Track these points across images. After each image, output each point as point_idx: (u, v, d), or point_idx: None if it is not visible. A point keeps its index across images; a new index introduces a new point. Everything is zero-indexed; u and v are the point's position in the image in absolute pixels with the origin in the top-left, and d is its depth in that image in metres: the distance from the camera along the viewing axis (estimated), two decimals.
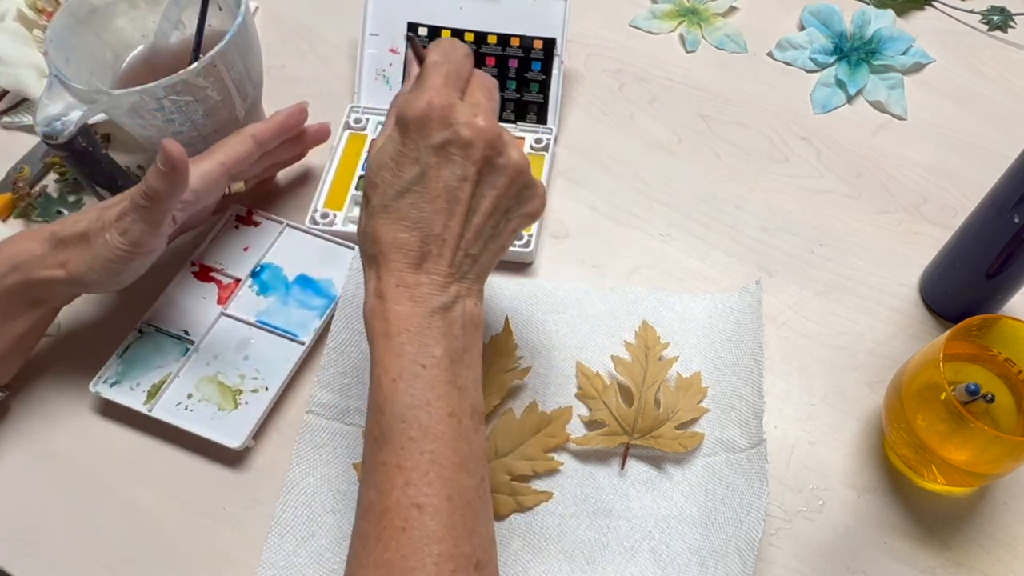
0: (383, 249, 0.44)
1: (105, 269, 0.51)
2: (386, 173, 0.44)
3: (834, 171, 0.68)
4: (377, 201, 0.44)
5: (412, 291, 0.43)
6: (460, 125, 0.43)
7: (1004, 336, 0.50)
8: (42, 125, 0.55)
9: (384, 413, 0.42)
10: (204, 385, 0.55)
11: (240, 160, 0.58)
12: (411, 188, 0.43)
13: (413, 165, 0.43)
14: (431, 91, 0.44)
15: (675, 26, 0.78)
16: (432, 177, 0.43)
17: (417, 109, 0.43)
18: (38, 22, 0.71)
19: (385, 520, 0.40)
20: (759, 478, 0.50)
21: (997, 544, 0.51)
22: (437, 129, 0.43)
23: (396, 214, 0.43)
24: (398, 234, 0.43)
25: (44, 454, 0.55)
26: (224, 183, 0.58)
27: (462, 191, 0.44)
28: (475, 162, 0.43)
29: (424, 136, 0.43)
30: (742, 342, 0.56)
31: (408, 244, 0.43)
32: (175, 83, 0.56)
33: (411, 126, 0.43)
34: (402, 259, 0.43)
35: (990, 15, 0.79)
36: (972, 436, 0.46)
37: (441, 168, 0.43)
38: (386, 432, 0.41)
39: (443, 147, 0.43)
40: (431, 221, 0.43)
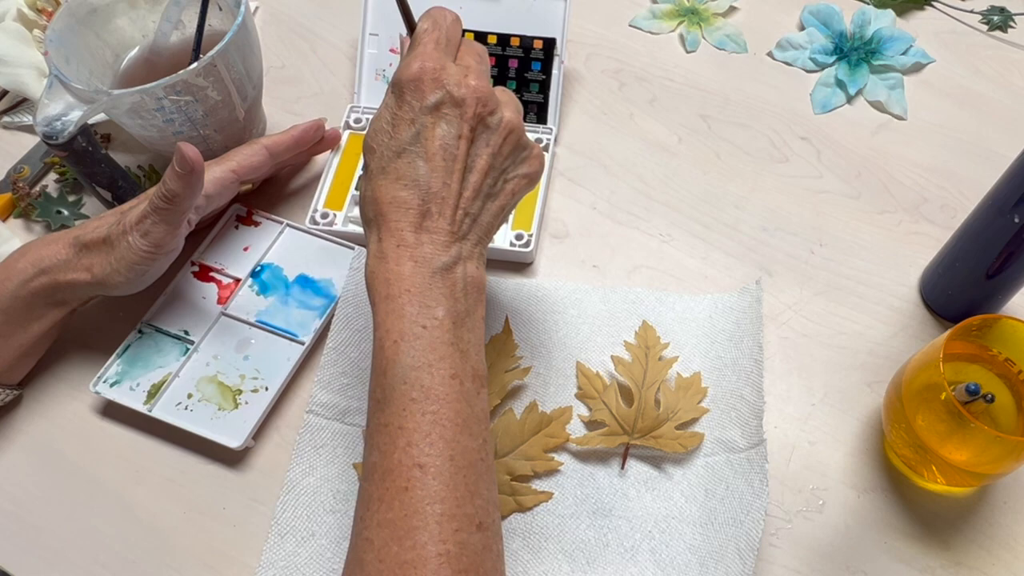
0: (383, 209, 0.44)
1: (129, 271, 0.53)
2: (383, 136, 0.45)
3: (834, 171, 0.68)
4: (375, 164, 0.45)
5: (413, 251, 0.43)
6: (452, 85, 0.44)
7: (1004, 336, 0.50)
8: (42, 125, 0.55)
9: (386, 375, 0.42)
10: (204, 385, 0.55)
11: (252, 169, 0.60)
12: (408, 148, 0.44)
13: (409, 126, 0.44)
14: (423, 56, 0.45)
15: (675, 26, 0.78)
16: (428, 136, 0.44)
17: (410, 72, 0.44)
18: (38, 22, 0.71)
19: (388, 481, 0.40)
20: (759, 478, 0.50)
21: (997, 544, 0.51)
22: (430, 90, 0.44)
23: (394, 174, 0.44)
24: (397, 193, 0.44)
25: (44, 454, 0.55)
26: (235, 189, 0.60)
27: (458, 148, 0.44)
28: (468, 120, 0.44)
29: (418, 98, 0.44)
30: (742, 342, 0.56)
31: (407, 202, 0.44)
32: (175, 83, 0.56)
33: (405, 89, 0.44)
34: (402, 218, 0.44)
35: (990, 15, 0.79)
36: (972, 436, 0.46)
37: (436, 127, 0.44)
38: (388, 394, 0.42)
39: (437, 107, 0.44)
40: (429, 179, 0.44)
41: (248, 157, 0.60)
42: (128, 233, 0.52)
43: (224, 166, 0.59)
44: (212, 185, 0.57)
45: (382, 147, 0.45)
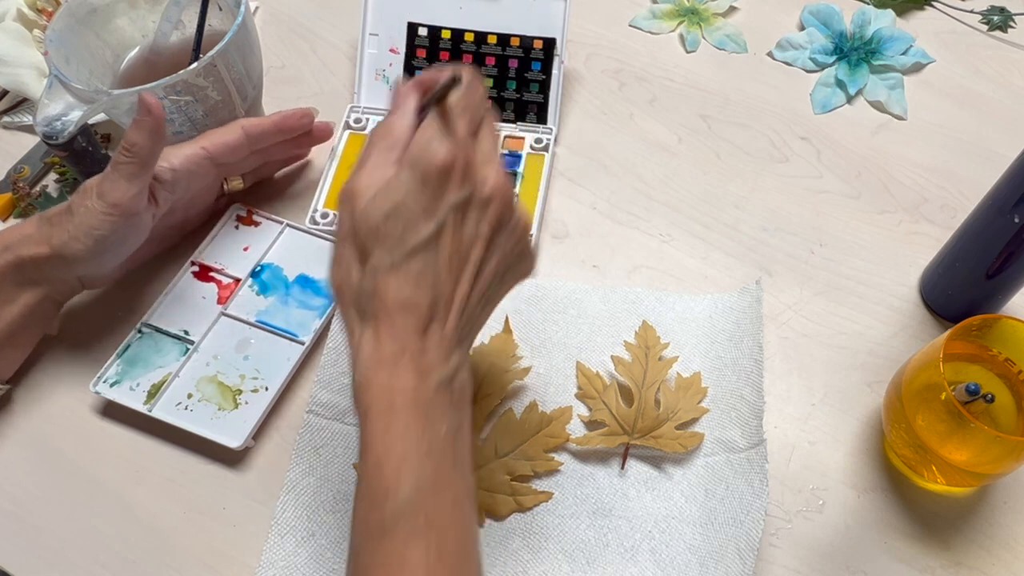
0: (388, 308, 0.39)
1: (87, 236, 0.51)
2: (395, 224, 0.39)
3: (834, 171, 0.68)
4: (385, 255, 0.39)
5: (417, 360, 0.39)
6: (480, 182, 0.40)
7: (1004, 336, 0.50)
8: (42, 125, 0.55)
9: (387, 500, 0.37)
10: (204, 385, 0.55)
11: (225, 149, 0.57)
12: (425, 246, 0.39)
13: (430, 220, 0.39)
14: (454, 142, 0.40)
15: (675, 26, 0.78)
16: (448, 235, 0.40)
17: (440, 160, 0.39)
18: (38, 22, 0.71)
19: None
20: (759, 478, 0.50)
21: (997, 544, 0.51)
22: (459, 184, 0.40)
23: (406, 271, 0.39)
24: (408, 294, 0.39)
25: (44, 453, 0.55)
26: (209, 171, 0.58)
27: (474, 251, 0.41)
28: (491, 222, 0.41)
29: (445, 189, 0.39)
30: (742, 342, 0.56)
31: (417, 305, 0.40)
32: (175, 83, 0.56)
33: (432, 176, 0.39)
34: (409, 322, 0.39)
35: (990, 15, 0.79)
36: (972, 436, 0.46)
37: (457, 227, 0.40)
38: (390, 523, 0.37)
39: (462, 204, 0.40)
40: (442, 282, 0.40)
41: (221, 135, 0.57)
42: (87, 197, 0.50)
43: (194, 143, 0.57)
44: (180, 161, 0.55)
45: (395, 237, 0.39)
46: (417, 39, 0.69)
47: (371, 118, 0.69)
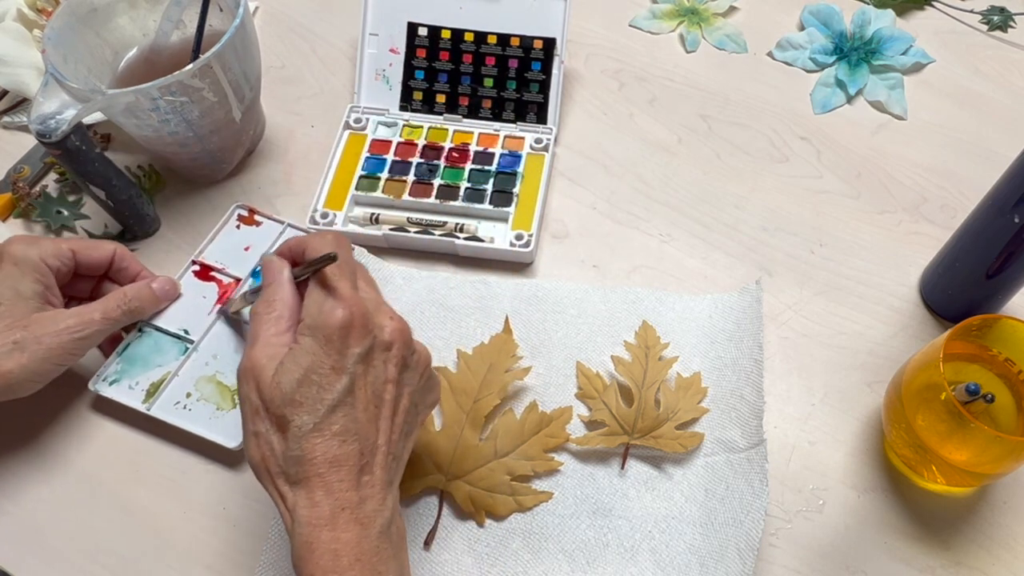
0: (319, 469, 0.40)
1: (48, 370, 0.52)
2: (310, 389, 0.40)
3: (834, 171, 0.68)
4: (303, 420, 0.40)
5: (356, 512, 0.40)
6: (378, 329, 0.42)
7: (1004, 336, 0.50)
8: (36, 123, 0.55)
9: None
10: (203, 384, 0.55)
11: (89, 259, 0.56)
12: (342, 401, 0.41)
13: (339, 376, 0.41)
14: (345, 301, 0.42)
15: (675, 26, 0.78)
16: (360, 385, 0.41)
17: (336, 320, 0.41)
18: (38, 22, 0.71)
19: None
20: (759, 478, 0.50)
21: (997, 544, 0.51)
22: (360, 338, 0.41)
23: (330, 430, 0.40)
24: (336, 451, 0.40)
25: (44, 453, 0.55)
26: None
27: (387, 393, 0.42)
28: (395, 363, 0.43)
29: (348, 346, 0.41)
30: (742, 342, 0.56)
31: (348, 458, 0.40)
32: (170, 84, 0.56)
33: (333, 338, 0.41)
34: (344, 476, 0.40)
35: (990, 15, 0.79)
36: (972, 436, 0.46)
37: (367, 375, 0.42)
38: None
39: (367, 353, 0.42)
40: (364, 430, 0.41)
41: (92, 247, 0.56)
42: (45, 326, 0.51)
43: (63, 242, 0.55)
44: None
45: (311, 400, 0.40)
46: (417, 39, 0.69)
47: (371, 118, 0.69)
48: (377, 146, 0.67)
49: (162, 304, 0.57)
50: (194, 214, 0.66)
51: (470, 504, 0.52)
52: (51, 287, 0.53)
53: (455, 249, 0.62)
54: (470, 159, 0.66)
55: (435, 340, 0.58)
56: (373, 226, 0.63)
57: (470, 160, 0.66)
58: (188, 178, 0.67)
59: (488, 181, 0.65)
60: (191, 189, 0.67)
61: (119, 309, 0.54)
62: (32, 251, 0.53)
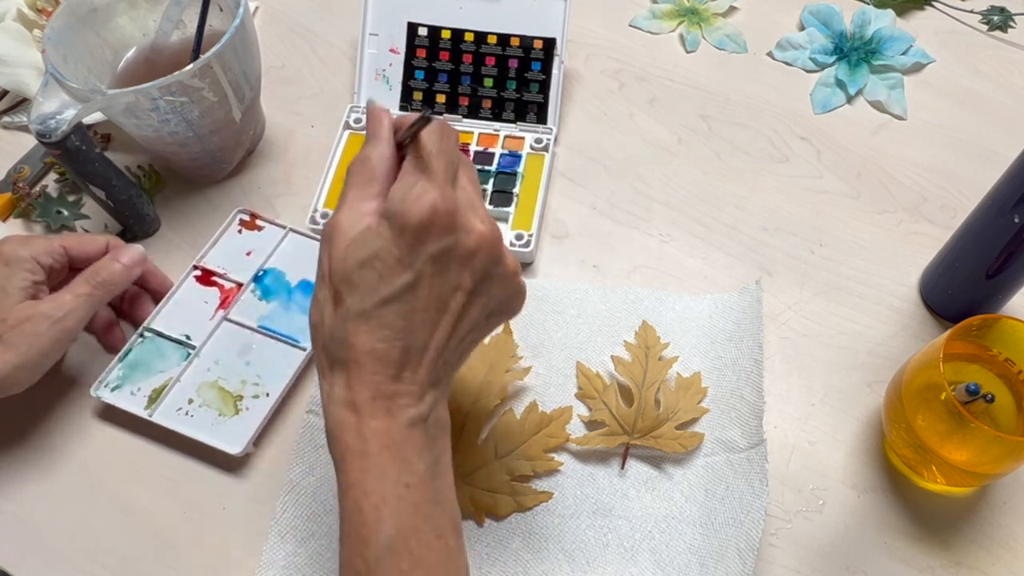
0: (358, 357, 0.39)
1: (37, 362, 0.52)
2: (369, 274, 0.38)
3: (834, 171, 0.68)
4: (355, 304, 0.39)
5: (389, 403, 0.39)
6: (464, 232, 0.39)
7: (1004, 336, 0.50)
8: (36, 123, 0.55)
9: (369, 544, 0.37)
10: (205, 390, 0.55)
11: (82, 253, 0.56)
12: (399, 296, 0.38)
13: (405, 271, 0.38)
14: (434, 191, 0.38)
15: (675, 26, 0.78)
16: (425, 286, 0.39)
17: (420, 212, 0.38)
18: (38, 22, 0.71)
19: None
20: (759, 478, 0.50)
21: (997, 544, 0.51)
22: (438, 235, 0.38)
23: (377, 321, 0.39)
24: (377, 344, 0.39)
25: (45, 455, 0.55)
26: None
27: (454, 301, 0.40)
28: (474, 273, 0.40)
29: (423, 242, 0.38)
30: (742, 342, 0.56)
31: (388, 355, 0.39)
32: (170, 84, 0.56)
33: (409, 229, 0.38)
34: (380, 370, 0.39)
35: (990, 15, 0.79)
36: (972, 436, 0.46)
37: (436, 277, 0.39)
38: (373, 566, 0.37)
39: (442, 255, 0.39)
40: (416, 332, 0.39)
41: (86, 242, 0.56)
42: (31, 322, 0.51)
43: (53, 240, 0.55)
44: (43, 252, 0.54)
45: (367, 286, 0.38)
46: (417, 39, 0.69)
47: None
48: None
49: (132, 272, 0.55)
50: (194, 214, 0.66)
51: (470, 504, 0.52)
52: (40, 282, 0.53)
53: None
54: (470, 159, 0.66)
55: None
56: None
57: (470, 160, 0.66)
58: (188, 178, 0.67)
59: (488, 181, 0.65)
60: (191, 189, 0.67)
61: (89, 284, 0.53)
62: (23, 251, 0.53)
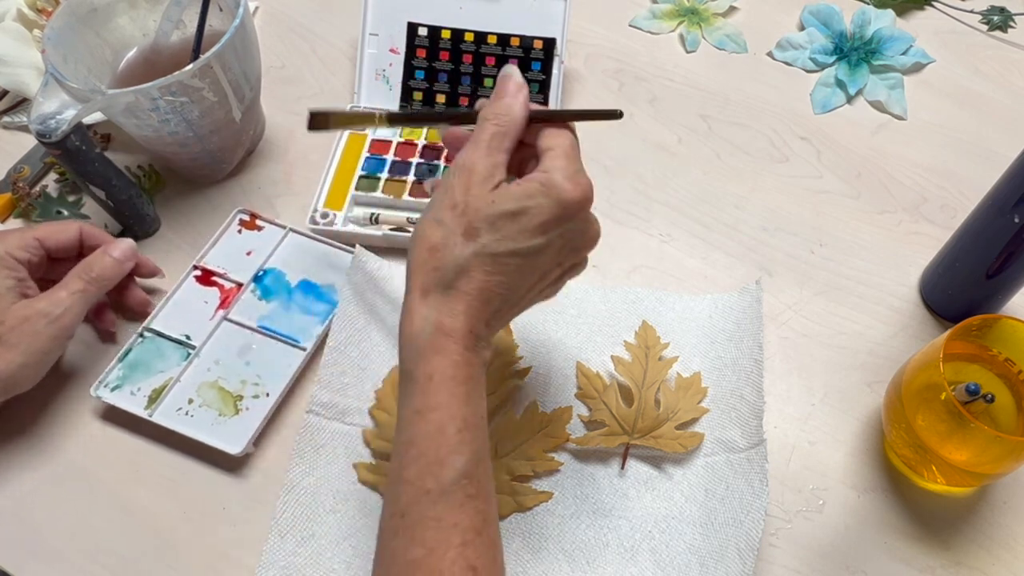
0: (472, 291, 0.42)
1: (40, 362, 0.53)
2: (513, 225, 0.41)
3: (834, 171, 0.68)
4: (490, 244, 0.41)
5: (477, 343, 0.42)
6: (591, 222, 0.44)
7: (1004, 336, 0.50)
8: (36, 123, 0.55)
9: (445, 466, 0.39)
10: (205, 390, 0.55)
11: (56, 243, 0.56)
12: (525, 254, 0.42)
13: (541, 236, 0.42)
14: (585, 178, 0.42)
15: (675, 26, 0.78)
16: (547, 256, 0.43)
17: (578, 193, 0.42)
18: (38, 22, 0.71)
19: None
20: (759, 478, 0.50)
21: (997, 544, 0.51)
22: (573, 218, 0.42)
23: (501, 267, 0.42)
24: (493, 287, 0.42)
25: (45, 455, 0.55)
26: None
27: (552, 273, 0.44)
28: (574, 261, 0.45)
29: (568, 218, 0.42)
30: (742, 342, 0.56)
31: (492, 300, 0.42)
32: (170, 84, 0.56)
33: (564, 205, 0.41)
34: (481, 308, 0.42)
35: (990, 15, 0.79)
36: (972, 436, 0.46)
37: (558, 253, 0.43)
38: (446, 486, 0.39)
39: (571, 235, 0.43)
40: (518, 288, 0.43)
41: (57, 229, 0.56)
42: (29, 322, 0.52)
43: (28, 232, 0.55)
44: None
45: (509, 239, 0.41)
46: (417, 39, 0.69)
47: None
48: (377, 146, 0.67)
49: (125, 267, 0.56)
50: (194, 214, 0.66)
51: None
52: (23, 279, 0.53)
53: None
54: None
55: None
56: (373, 226, 0.63)
57: None
58: (188, 178, 0.67)
59: None
60: (191, 189, 0.67)
61: (83, 280, 0.54)
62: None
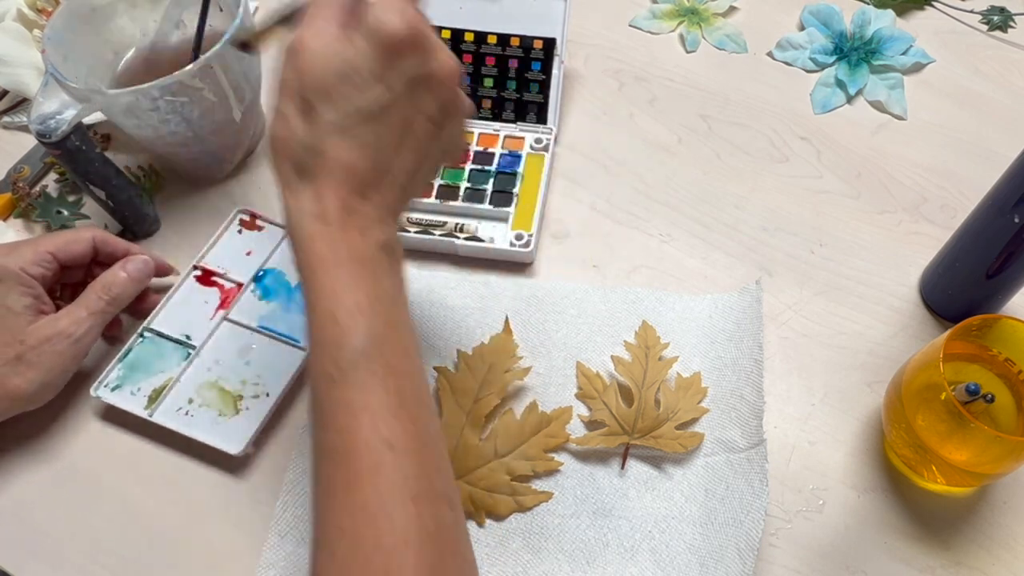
0: (329, 166, 0.40)
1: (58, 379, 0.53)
2: (345, 86, 0.39)
3: (834, 171, 0.68)
4: (328, 114, 0.39)
5: (358, 220, 0.40)
6: (435, 61, 0.40)
7: (1004, 336, 0.50)
8: (36, 123, 0.55)
9: (343, 348, 0.38)
10: (205, 390, 0.55)
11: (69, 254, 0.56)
12: (372, 112, 0.40)
13: (384, 91, 0.39)
14: (412, 11, 0.40)
15: (675, 26, 0.78)
16: (397, 107, 0.40)
17: (397, 27, 0.39)
18: (38, 22, 0.71)
19: (354, 462, 0.37)
20: (759, 478, 0.50)
21: (997, 544, 0.51)
22: (413, 54, 0.39)
23: (355, 139, 0.40)
24: (348, 155, 0.40)
25: (45, 454, 0.55)
26: None
27: (419, 127, 0.41)
28: (440, 103, 0.41)
29: (399, 58, 0.39)
30: (742, 342, 0.56)
31: (357, 168, 0.40)
32: (170, 84, 0.56)
33: (387, 45, 0.39)
34: (349, 181, 0.40)
35: (990, 15, 0.79)
36: (972, 436, 0.46)
37: (406, 99, 0.40)
38: (346, 369, 0.38)
39: (417, 81, 0.40)
40: (384, 151, 0.40)
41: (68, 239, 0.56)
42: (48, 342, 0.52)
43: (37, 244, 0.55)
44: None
45: (345, 100, 0.39)
46: None
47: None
48: None
49: (142, 284, 0.57)
50: (194, 214, 0.66)
51: (470, 504, 0.52)
52: (40, 296, 0.53)
53: (455, 249, 0.62)
54: (470, 159, 0.66)
55: (435, 340, 0.58)
56: None
57: (470, 160, 0.66)
58: (188, 178, 0.67)
59: (488, 181, 0.65)
60: (191, 189, 0.67)
61: (102, 300, 0.54)
62: (11, 262, 0.53)
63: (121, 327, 0.59)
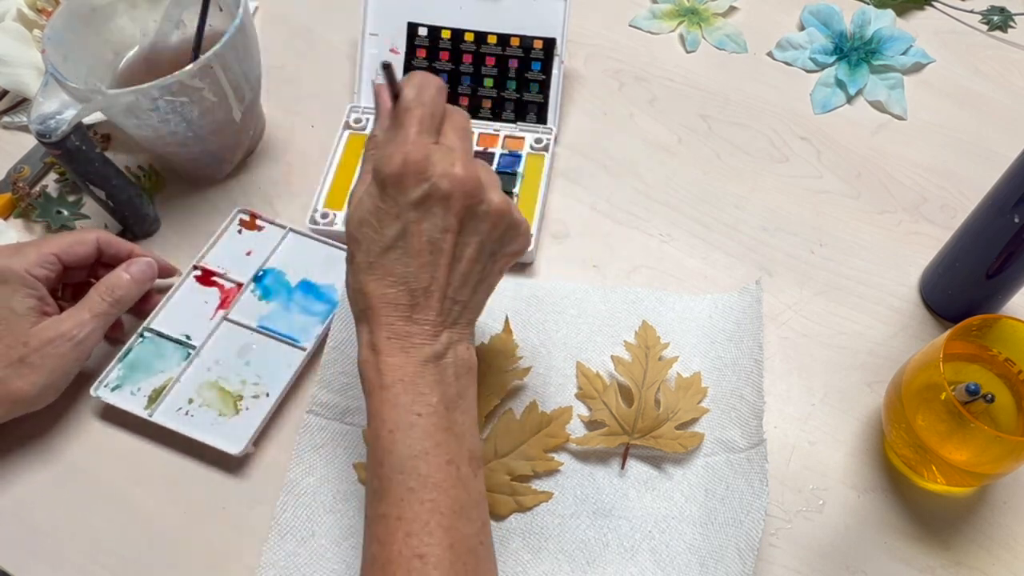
0: (373, 304, 0.44)
1: (60, 380, 0.53)
2: (368, 230, 0.43)
3: (834, 171, 0.68)
4: (362, 258, 0.44)
5: (403, 342, 0.43)
6: (438, 177, 0.42)
7: (1004, 336, 0.50)
8: (36, 123, 0.55)
9: (383, 465, 0.42)
10: (205, 390, 0.55)
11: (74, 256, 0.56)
12: (394, 245, 0.43)
13: (394, 221, 0.43)
14: (406, 144, 0.43)
15: (675, 26, 0.78)
16: (414, 232, 0.43)
17: (393, 165, 0.42)
18: (38, 22, 0.71)
19: (388, 572, 0.40)
20: (759, 478, 0.50)
21: (997, 544, 0.51)
22: (414, 184, 0.42)
23: (382, 270, 0.43)
24: (386, 290, 0.43)
25: (45, 454, 0.55)
26: None
27: (445, 242, 0.43)
28: (456, 213, 0.43)
29: (402, 192, 0.42)
30: (742, 342, 0.56)
31: (397, 298, 0.43)
32: (170, 84, 0.56)
33: (388, 183, 0.42)
34: (392, 312, 0.43)
35: (990, 15, 0.79)
36: (972, 436, 0.46)
37: (422, 222, 0.43)
38: (385, 484, 0.42)
39: (422, 202, 0.42)
40: (417, 275, 0.43)
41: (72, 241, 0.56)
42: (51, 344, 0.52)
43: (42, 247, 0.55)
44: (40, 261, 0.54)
45: (368, 240, 0.43)
46: (417, 39, 0.69)
47: (371, 118, 0.69)
48: None
49: (145, 286, 0.57)
50: (194, 214, 0.66)
51: None
52: (43, 297, 0.53)
53: None
54: None
55: None
56: None
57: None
58: (188, 178, 0.67)
59: None
60: (191, 189, 0.67)
61: (105, 302, 0.54)
62: (16, 264, 0.53)
63: (123, 328, 0.59)
